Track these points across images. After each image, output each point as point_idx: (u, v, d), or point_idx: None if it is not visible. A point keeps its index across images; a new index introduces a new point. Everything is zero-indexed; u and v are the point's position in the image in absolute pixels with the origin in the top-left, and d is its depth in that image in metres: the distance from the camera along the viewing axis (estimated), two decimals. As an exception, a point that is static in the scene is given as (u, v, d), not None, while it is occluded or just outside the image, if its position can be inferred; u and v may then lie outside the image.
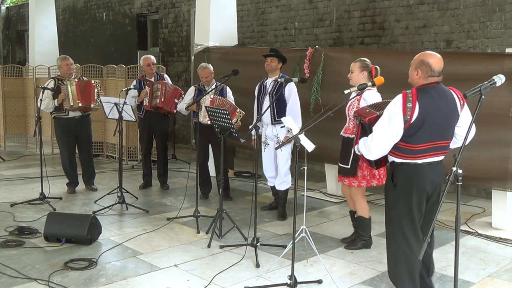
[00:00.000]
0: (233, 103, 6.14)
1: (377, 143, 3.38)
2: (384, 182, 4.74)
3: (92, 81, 6.64)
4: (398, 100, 3.32)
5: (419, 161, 3.37)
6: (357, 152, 3.63)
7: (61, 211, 5.81)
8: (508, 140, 5.15)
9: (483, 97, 2.78)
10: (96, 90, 6.52)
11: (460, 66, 5.37)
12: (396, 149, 3.38)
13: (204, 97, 5.87)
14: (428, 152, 3.37)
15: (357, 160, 4.62)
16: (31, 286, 3.92)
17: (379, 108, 3.61)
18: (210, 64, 6.48)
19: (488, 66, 5.14)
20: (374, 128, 3.41)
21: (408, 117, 3.26)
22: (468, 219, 5.80)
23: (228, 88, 6.38)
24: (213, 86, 6.16)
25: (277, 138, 5.71)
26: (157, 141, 7.18)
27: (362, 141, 3.52)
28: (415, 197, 3.35)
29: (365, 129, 3.56)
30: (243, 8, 9.92)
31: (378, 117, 3.48)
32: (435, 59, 3.35)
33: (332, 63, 6.43)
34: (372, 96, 4.51)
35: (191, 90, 6.54)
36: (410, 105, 3.26)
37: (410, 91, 3.33)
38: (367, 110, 3.68)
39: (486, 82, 2.88)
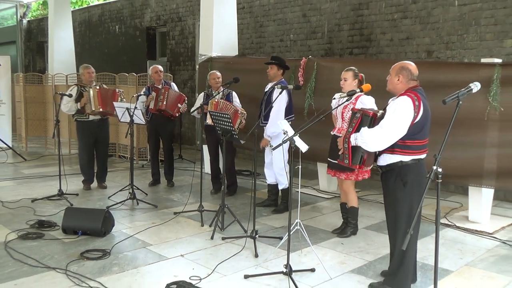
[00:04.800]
0: (240, 107, 6.17)
1: (389, 136, 3.31)
2: (369, 176, 4.78)
3: (117, 90, 6.66)
4: (406, 100, 3.30)
5: (422, 156, 3.40)
6: (352, 142, 3.47)
7: (78, 206, 5.80)
8: (483, 142, 5.16)
9: (460, 102, 2.78)
10: (119, 98, 6.54)
11: (439, 74, 5.38)
12: (405, 148, 3.35)
13: (210, 101, 5.88)
14: (427, 147, 3.43)
15: None
16: (50, 274, 3.92)
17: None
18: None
19: (465, 75, 5.16)
20: (386, 122, 3.32)
21: (415, 114, 3.29)
22: (447, 213, 5.80)
23: (234, 93, 6.38)
24: (221, 92, 6.24)
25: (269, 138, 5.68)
26: (163, 142, 7.17)
27: (365, 131, 3.39)
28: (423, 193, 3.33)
29: (365, 122, 3.46)
30: (243, 22, 9.92)
31: (379, 115, 3.45)
32: (413, 66, 3.48)
33: (324, 72, 6.44)
34: (369, 100, 4.56)
35: (201, 96, 6.59)
36: (417, 104, 3.30)
37: (409, 93, 3.34)
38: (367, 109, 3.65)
39: (463, 89, 2.88)
